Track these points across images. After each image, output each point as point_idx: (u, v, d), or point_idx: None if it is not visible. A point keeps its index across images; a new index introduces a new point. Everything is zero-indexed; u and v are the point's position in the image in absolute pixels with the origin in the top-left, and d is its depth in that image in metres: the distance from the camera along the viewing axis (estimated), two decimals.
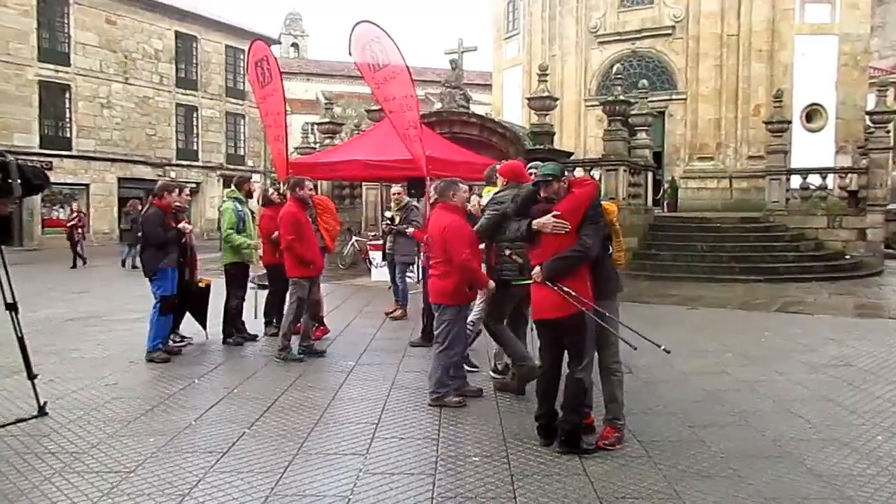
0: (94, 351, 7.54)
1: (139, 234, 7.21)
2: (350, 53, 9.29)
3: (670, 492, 3.83)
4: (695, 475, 4.07)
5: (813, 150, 20.23)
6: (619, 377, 4.68)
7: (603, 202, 4.75)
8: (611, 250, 4.69)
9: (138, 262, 8.22)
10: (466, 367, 6.16)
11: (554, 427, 4.48)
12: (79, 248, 18.56)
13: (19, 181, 4.61)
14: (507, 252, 5.27)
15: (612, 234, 4.69)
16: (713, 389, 5.97)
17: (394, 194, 9.98)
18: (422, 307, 7.80)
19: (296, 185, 7.23)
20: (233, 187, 8.25)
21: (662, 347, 4.32)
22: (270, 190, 8.66)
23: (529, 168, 5.43)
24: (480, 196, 6.46)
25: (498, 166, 5.78)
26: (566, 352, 4.52)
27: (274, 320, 8.31)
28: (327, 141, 19.64)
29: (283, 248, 7.15)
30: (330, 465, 4.21)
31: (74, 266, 17.95)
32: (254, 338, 8.10)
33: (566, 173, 4.67)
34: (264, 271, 8.43)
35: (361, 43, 9.17)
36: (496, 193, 5.64)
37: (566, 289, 4.25)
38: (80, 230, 18.93)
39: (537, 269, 4.37)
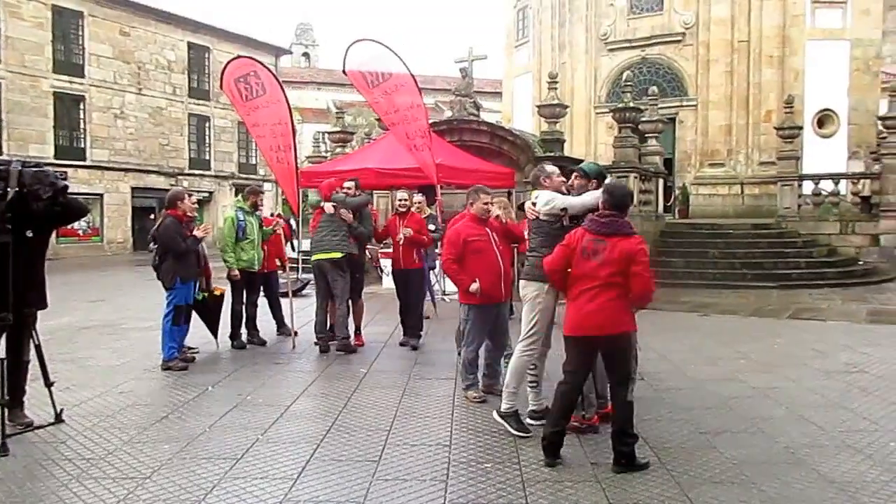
0: (109, 359, 7.62)
1: (153, 245, 7.28)
2: (344, 72, 9.33)
3: (683, 498, 3.83)
4: (707, 482, 4.07)
5: (825, 155, 20.10)
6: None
7: None
8: None
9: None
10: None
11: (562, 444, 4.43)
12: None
13: (17, 189, 4.63)
14: None
15: None
16: (726, 396, 5.96)
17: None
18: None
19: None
20: (240, 197, 8.49)
21: None
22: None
23: (574, 169, 5.37)
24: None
25: (547, 167, 5.36)
26: (612, 373, 4.40)
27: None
28: (338, 150, 19.75)
29: None
30: (342, 471, 4.24)
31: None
32: (263, 343, 8.29)
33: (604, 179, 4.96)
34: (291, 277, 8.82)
35: (358, 61, 9.23)
36: None
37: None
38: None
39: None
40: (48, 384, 5.14)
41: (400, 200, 8.55)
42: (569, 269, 4.42)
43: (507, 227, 6.08)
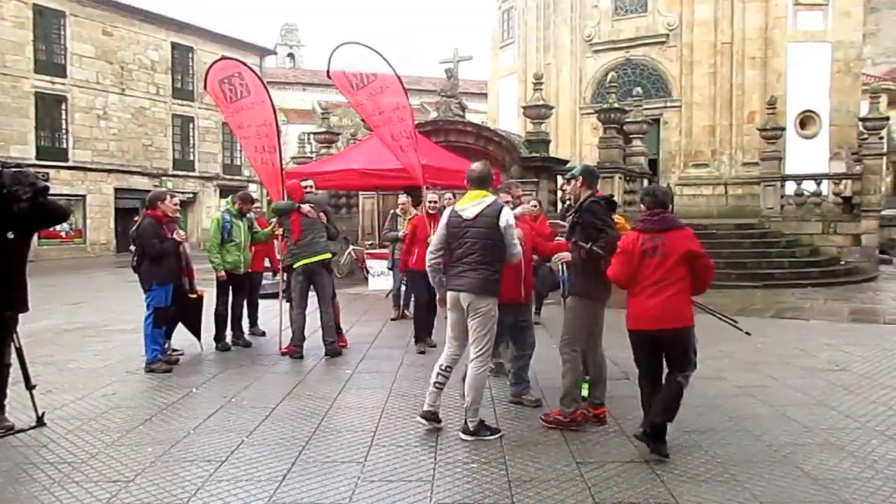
0: (91, 361, 7.54)
1: (133, 246, 7.22)
2: (329, 76, 9.27)
3: (668, 497, 3.85)
4: (692, 480, 4.09)
5: (807, 156, 20.33)
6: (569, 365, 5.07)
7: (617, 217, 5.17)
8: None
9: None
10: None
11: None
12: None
13: None
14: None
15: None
16: (710, 395, 6.00)
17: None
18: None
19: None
20: (230, 198, 8.48)
21: (744, 330, 5.21)
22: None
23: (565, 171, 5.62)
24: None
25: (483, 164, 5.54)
26: (670, 364, 4.53)
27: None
28: (324, 150, 19.71)
29: None
30: (328, 473, 4.22)
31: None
32: (248, 345, 8.29)
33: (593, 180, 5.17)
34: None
35: (342, 64, 9.18)
36: None
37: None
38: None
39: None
40: (30, 387, 5.07)
41: (430, 202, 8.47)
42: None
43: (535, 227, 6.18)
